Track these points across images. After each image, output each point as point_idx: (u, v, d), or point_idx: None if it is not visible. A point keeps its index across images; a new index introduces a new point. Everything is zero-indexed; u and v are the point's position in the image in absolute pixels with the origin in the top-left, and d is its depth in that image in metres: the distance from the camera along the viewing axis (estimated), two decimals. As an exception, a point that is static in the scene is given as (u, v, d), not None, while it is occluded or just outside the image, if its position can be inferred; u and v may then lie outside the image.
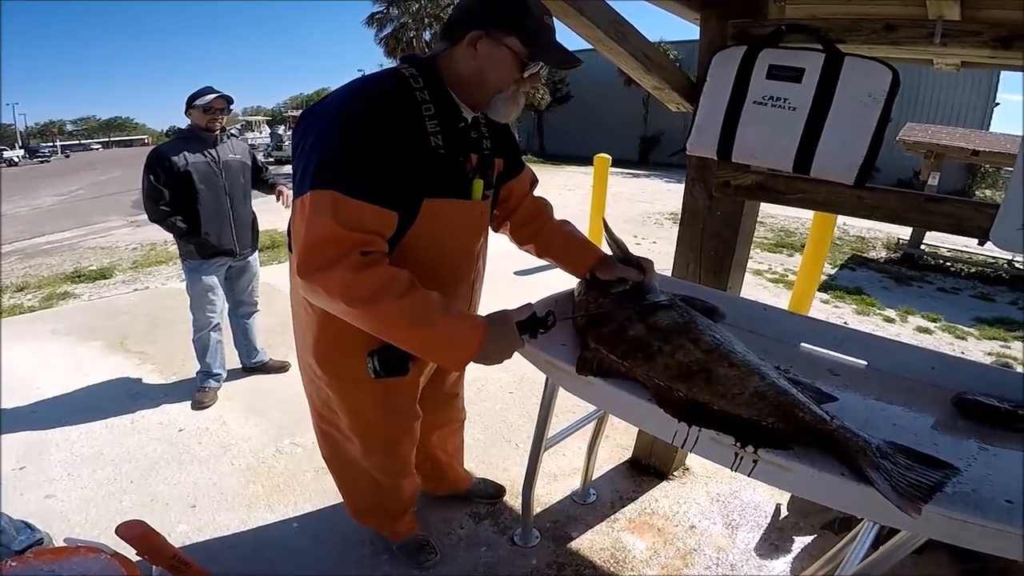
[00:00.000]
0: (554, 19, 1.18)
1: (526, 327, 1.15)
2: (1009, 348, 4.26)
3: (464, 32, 1.10)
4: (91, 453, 2.34)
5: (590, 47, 1.64)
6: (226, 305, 2.81)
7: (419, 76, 1.13)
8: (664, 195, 11.75)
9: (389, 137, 1.05)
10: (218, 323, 2.74)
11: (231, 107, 2.57)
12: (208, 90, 2.49)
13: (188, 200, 2.48)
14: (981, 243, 1.41)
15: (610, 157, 5.64)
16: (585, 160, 6.30)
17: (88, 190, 14.96)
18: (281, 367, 3.06)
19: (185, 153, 2.46)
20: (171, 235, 2.59)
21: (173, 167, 2.42)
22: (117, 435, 2.47)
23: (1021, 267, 6.33)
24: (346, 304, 1.00)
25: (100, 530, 1.87)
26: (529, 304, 1.19)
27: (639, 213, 9.44)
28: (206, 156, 2.51)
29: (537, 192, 1.54)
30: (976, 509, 0.79)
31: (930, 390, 1.18)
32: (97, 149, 59.92)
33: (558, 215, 1.56)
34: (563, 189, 12.09)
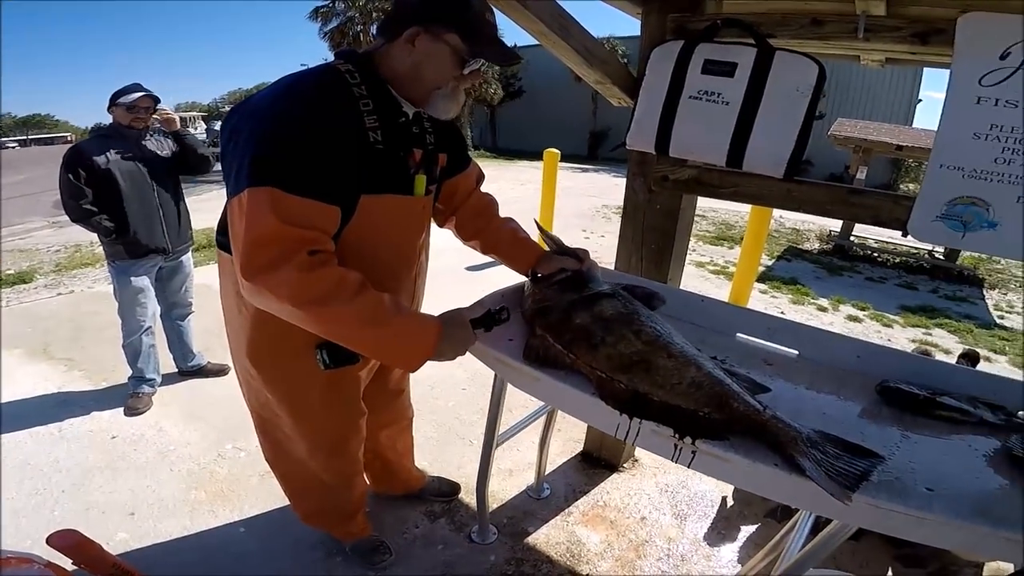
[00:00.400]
0: (496, 13, 1.17)
1: (480, 323, 1.16)
2: (931, 335, 4.53)
3: (403, 28, 1.07)
4: (16, 463, 2.20)
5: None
6: (158, 308, 2.69)
7: (355, 72, 1.10)
8: (612, 189, 11.93)
9: (326, 131, 1.02)
10: (150, 327, 2.62)
11: (158, 106, 2.46)
12: (134, 88, 2.38)
13: (113, 199, 2.37)
14: (904, 234, 1.50)
15: (559, 152, 5.68)
16: (537, 155, 6.33)
17: (4, 190, 13.85)
18: (220, 370, 2.95)
19: (107, 152, 2.35)
20: (96, 236, 2.47)
21: (94, 166, 2.32)
22: (44, 444, 2.34)
23: (940, 257, 6.76)
24: (294, 306, 0.97)
25: (32, 541, 1.77)
26: (482, 302, 1.21)
27: (588, 207, 9.55)
28: (130, 154, 2.41)
29: (492, 187, 1.54)
30: (899, 497, 0.81)
31: (857, 378, 1.23)
32: (13, 148, 55.34)
33: (511, 209, 1.56)
34: (515, 184, 12.14)
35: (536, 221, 1.66)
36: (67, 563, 1.27)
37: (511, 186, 11.62)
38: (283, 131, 0.99)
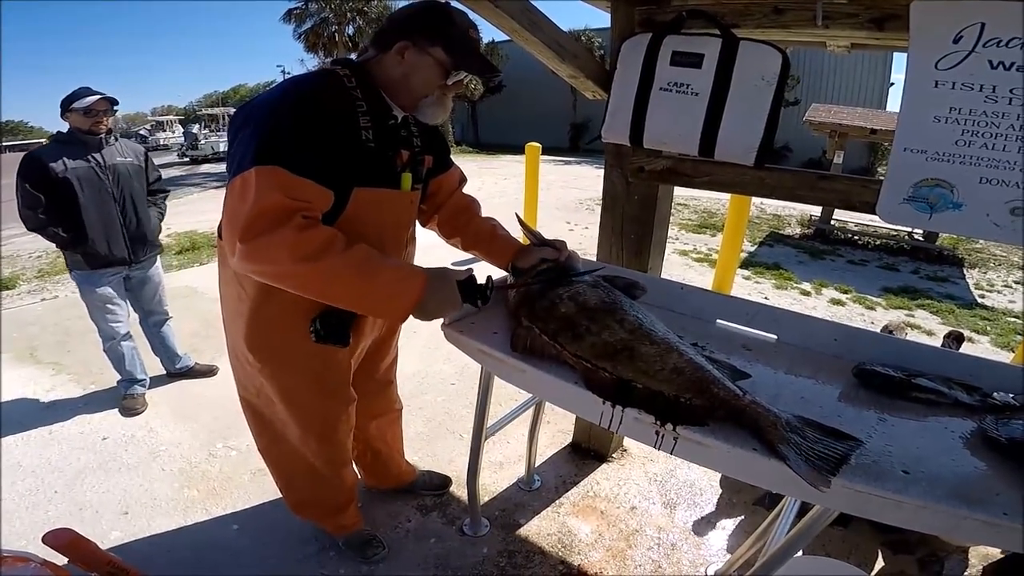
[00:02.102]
0: (480, 27, 1.25)
1: (464, 288, 1.20)
2: (913, 316, 4.56)
3: (393, 40, 1.19)
4: (8, 465, 2.23)
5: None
6: (133, 312, 2.68)
7: (352, 76, 1.20)
8: (595, 181, 11.88)
9: (324, 125, 1.12)
10: (127, 332, 2.60)
11: (116, 108, 2.41)
12: (86, 91, 2.32)
13: (70, 208, 2.31)
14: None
15: (540, 145, 5.68)
16: (519, 149, 6.33)
17: (-20, 197, 13.61)
18: (208, 371, 2.96)
19: (64, 159, 2.28)
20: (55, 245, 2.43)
21: (49, 173, 2.25)
22: (35, 446, 2.36)
23: (919, 238, 6.85)
24: (293, 263, 1.04)
25: (27, 541, 1.81)
26: (470, 268, 1.25)
27: (572, 200, 9.57)
28: (89, 161, 2.34)
29: (475, 183, 1.58)
30: (876, 481, 0.82)
31: (834, 362, 1.24)
32: (-10, 154, 54.41)
33: (495, 204, 1.60)
34: (499, 178, 12.13)
35: (517, 215, 1.69)
36: (63, 561, 1.29)
37: (494, 180, 11.62)
38: (286, 121, 1.08)
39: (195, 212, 8.54)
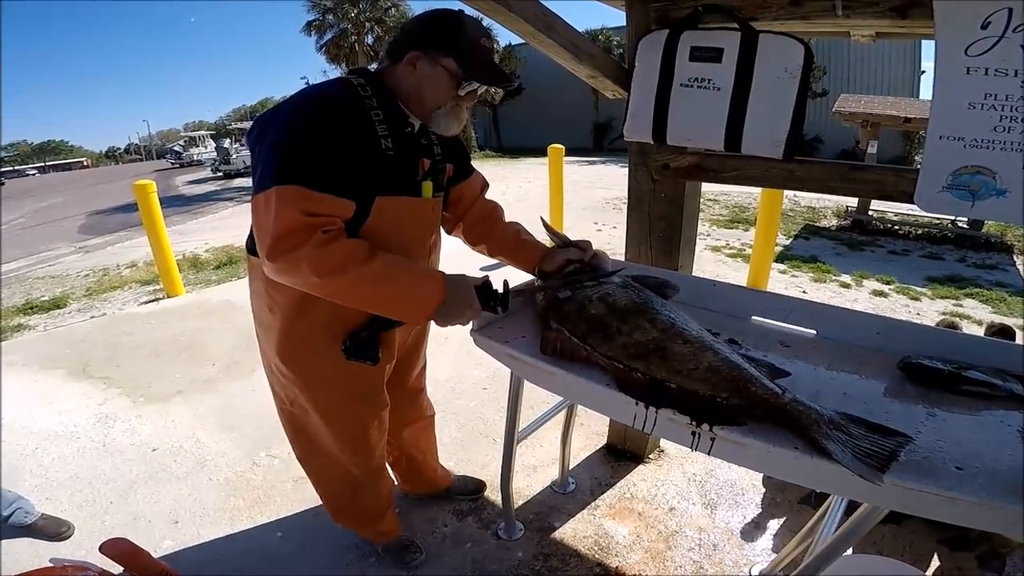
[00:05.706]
0: (493, 36, 1.21)
1: (481, 294, 1.21)
2: (961, 306, 4.37)
3: (405, 51, 1.18)
4: (66, 477, 2.32)
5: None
6: None
7: (367, 85, 1.20)
8: (620, 180, 11.73)
9: (340, 137, 1.12)
10: None
11: None
12: None
13: None
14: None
15: (563, 147, 5.67)
16: (542, 151, 6.33)
17: (30, 218, 14.26)
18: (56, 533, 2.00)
19: None
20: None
21: None
22: (90, 458, 2.45)
23: (964, 226, 6.58)
24: (317, 277, 1.08)
25: (85, 550, 1.86)
26: (486, 275, 1.25)
27: (598, 199, 9.50)
28: None
29: (500, 187, 1.58)
30: (928, 477, 0.79)
31: (877, 356, 1.20)
32: (33, 175, 57.08)
33: (520, 207, 1.60)
34: (523, 182, 12.12)
35: (541, 218, 1.68)
36: (119, 570, 1.33)
37: (518, 184, 11.61)
38: (301, 136, 1.09)
39: (231, 227, 8.79)
